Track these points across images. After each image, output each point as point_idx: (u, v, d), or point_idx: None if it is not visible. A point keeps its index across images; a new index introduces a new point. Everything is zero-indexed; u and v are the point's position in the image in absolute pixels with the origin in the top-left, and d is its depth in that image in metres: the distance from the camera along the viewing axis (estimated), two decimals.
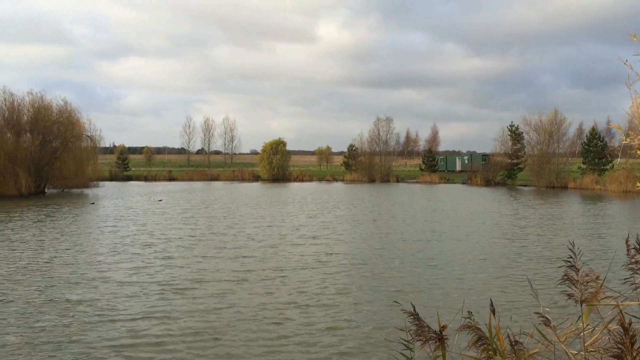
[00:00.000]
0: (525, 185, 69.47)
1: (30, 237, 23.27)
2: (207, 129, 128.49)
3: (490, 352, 3.44)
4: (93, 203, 43.31)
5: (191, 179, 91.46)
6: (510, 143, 77.38)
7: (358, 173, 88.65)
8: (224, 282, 14.76)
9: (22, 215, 32.70)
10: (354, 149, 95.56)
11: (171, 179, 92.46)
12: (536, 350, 3.50)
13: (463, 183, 77.25)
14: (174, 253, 19.23)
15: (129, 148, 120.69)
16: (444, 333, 3.43)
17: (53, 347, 9.71)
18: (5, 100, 54.12)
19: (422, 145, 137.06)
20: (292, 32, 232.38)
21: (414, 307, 3.55)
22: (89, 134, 62.41)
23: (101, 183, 68.44)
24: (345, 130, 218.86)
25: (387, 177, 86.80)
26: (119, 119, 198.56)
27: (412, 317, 3.53)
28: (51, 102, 58.58)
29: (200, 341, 10.10)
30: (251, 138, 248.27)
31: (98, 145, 66.44)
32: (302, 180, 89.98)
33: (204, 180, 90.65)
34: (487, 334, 3.45)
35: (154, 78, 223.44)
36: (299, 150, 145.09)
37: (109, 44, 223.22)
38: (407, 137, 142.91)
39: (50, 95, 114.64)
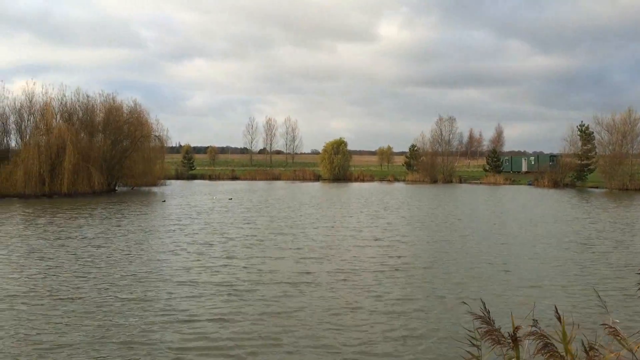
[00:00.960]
0: (596, 187, 66.32)
1: (102, 232, 23.95)
2: (269, 129, 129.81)
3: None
4: (164, 201, 44.54)
5: (253, 178, 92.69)
6: (580, 143, 74.12)
7: (420, 173, 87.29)
8: (285, 284, 14.53)
9: (95, 211, 33.85)
10: (415, 149, 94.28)
11: (234, 178, 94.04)
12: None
13: (529, 184, 74.62)
14: (236, 253, 19.21)
15: (194, 147, 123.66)
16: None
17: (116, 347, 9.70)
18: (80, 101, 56.56)
19: (485, 145, 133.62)
20: (353, 31, 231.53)
21: (484, 304, 3.33)
22: (157, 134, 64.31)
23: (168, 181, 70.26)
24: (406, 130, 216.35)
25: (449, 178, 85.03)
26: (185, 119, 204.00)
27: (480, 318, 3.45)
28: (122, 103, 60.83)
29: (262, 345, 9.87)
30: (311, 138, 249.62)
31: (165, 145, 68.36)
32: (362, 180, 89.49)
33: (266, 179, 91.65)
34: (557, 341, 3.37)
35: (217, 79, 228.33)
36: (359, 150, 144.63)
37: (175, 47, 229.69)
38: (471, 137, 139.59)
39: (120, 97, 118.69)
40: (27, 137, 52.33)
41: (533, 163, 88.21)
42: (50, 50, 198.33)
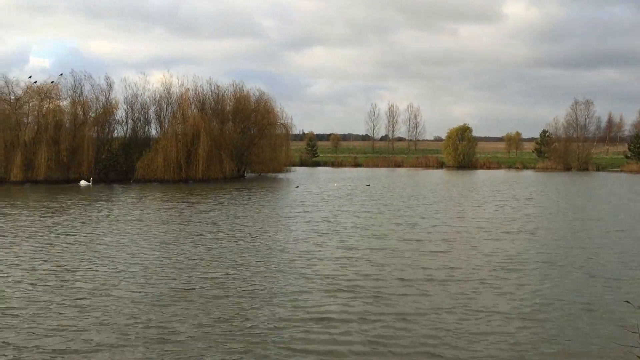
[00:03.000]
0: None
1: (232, 217, 24.50)
2: (391, 115, 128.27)
3: None
4: (297, 187, 45.56)
5: (375, 166, 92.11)
6: None
7: (551, 161, 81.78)
8: (413, 281, 13.63)
9: (234, 196, 35.10)
10: (547, 134, 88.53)
11: (357, 165, 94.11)
12: None
13: None
14: (359, 244, 18.62)
15: (317, 135, 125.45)
16: None
17: (225, 339, 9.44)
18: (211, 91, 59.22)
19: (627, 130, 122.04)
20: (476, 12, 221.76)
21: None
22: (283, 122, 65.65)
23: (292, 168, 71.78)
24: (536, 115, 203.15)
25: (585, 166, 78.79)
26: (306, 106, 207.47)
27: None
28: (249, 92, 62.75)
29: (381, 353, 9.18)
30: (434, 124, 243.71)
31: (290, 133, 69.66)
32: (488, 168, 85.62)
33: (388, 166, 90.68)
34: None
35: (337, 66, 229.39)
36: (484, 137, 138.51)
37: (295, 35, 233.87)
38: (610, 122, 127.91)
39: (246, 86, 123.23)
40: (166, 126, 55.71)
41: None
42: (180, 43, 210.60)
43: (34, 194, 37.42)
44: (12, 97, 50.39)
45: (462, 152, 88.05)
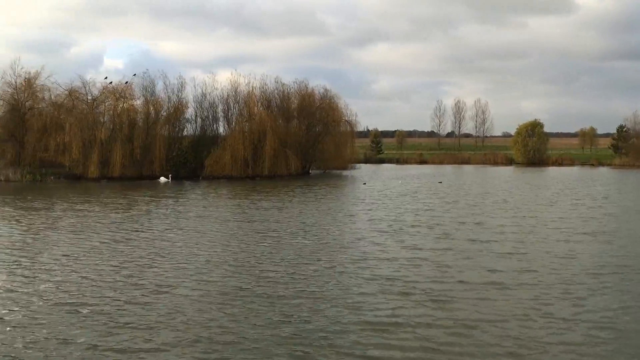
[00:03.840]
0: None
1: (295, 215, 24.32)
2: (458, 111, 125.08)
3: None
4: (364, 183, 45.22)
5: (441, 163, 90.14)
6: None
7: (629, 157, 77.28)
8: (478, 284, 12.83)
9: (289, 193, 35.21)
10: (624, 129, 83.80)
11: (422, 162, 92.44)
12: None
13: None
14: (422, 244, 17.92)
15: (382, 132, 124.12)
16: None
17: (282, 342, 9.06)
18: (277, 89, 59.66)
19: None
20: (545, 3, 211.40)
21: None
22: (347, 119, 65.31)
23: (357, 165, 71.25)
24: (611, 110, 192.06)
25: None
26: (371, 103, 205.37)
27: None
28: (314, 89, 62.78)
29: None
30: (501, 120, 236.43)
31: (355, 129, 69.24)
32: (560, 165, 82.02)
33: (455, 163, 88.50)
34: None
35: (400, 62, 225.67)
36: (556, 132, 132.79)
37: (358, 32, 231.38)
38: None
39: (311, 84, 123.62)
40: (233, 123, 56.59)
41: None
42: (244, 42, 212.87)
43: (110, 190, 38.82)
44: (90, 98, 52.58)
45: (533, 148, 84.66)
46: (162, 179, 48.39)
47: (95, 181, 46.78)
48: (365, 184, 45.00)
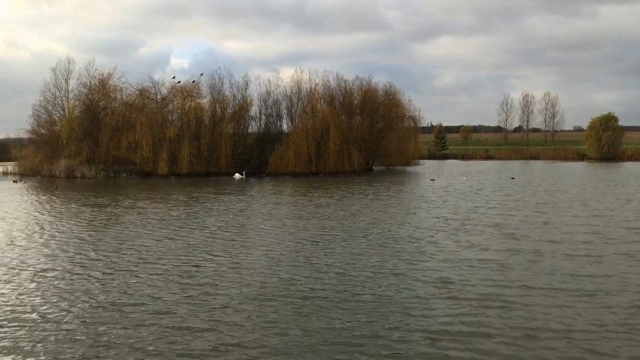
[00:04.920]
0: None
1: (356, 212, 23.74)
2: (526, 105, 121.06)
3: None
4: (433, 180, 44.31)
5: (508, 158, 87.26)
6: None
7: None
8: (546, 289, 11.64)
9: (355, 189, 34.86)
10: None
11: (488, 157, 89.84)
12: None
13: None
14: (487, 244, 16.77)
15: (446, 127, 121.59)
16: None
17: (334, 348, 8.42)
18: (339, 86, 59.33)
19: None
20: None
21: None
22: (411, 114, 64.18)
23: (421, 161, 69.86)
24: None
25: None
26: (434, 98, 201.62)
27: None
28: (376, 85, 62.02)
29: None
30: (572, 113, 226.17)
31: (418, 125, 68.00)
32: (637, 160, 77.53)
33: (522, 159, 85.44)
34: None
35: (464, 56, 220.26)
36: (631, 126, 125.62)
37: (420, 26, 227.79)
38: None
39: (374, 80, 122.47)
40: (296, 120, 56.78)
41: None
42: (306, 39, 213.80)
43: (179, 187, 39.70)
44: (159, 97, 54.11)
45: (607, 142, 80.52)
46: (237, 176, 49.40)
47: (164, 178, 48.10)
48: (433, 180, 43.98)
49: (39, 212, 26.30)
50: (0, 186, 42.30)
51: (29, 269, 14.14)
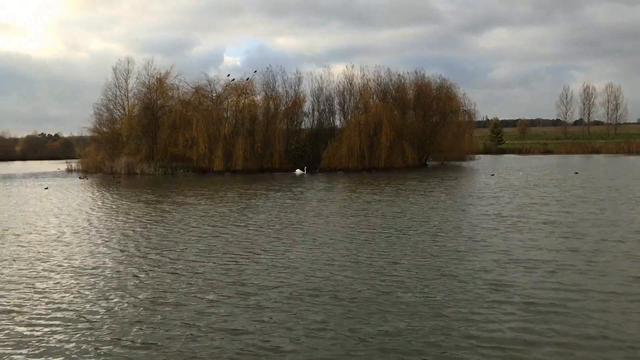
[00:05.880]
0: None
1: (409, 209, 23.15)
2: (587, 97, 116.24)
3: None
4: (493, 174, 43.18)
5: (568, 152, 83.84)
6: None
7: None
8: (609, 294, 10.72)
9: (408, 185, 34.18)
10: None
11: (546, 152, 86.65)
12: None
13: None
14: (545, 244, 15.80)
15: (502, 121, 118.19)
16: None
17: (381, 356, 8.13)
18: (392, 80, 58.46)
19: None
20: None
21: None
22: (466, 109, 62.58)
23: (476, 156, 68.01)
24: None
25: None
26: (489, 91, 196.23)
27: None
28: (430, 79, 60.74)
29: None
30: (636, 105, 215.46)
31: (473, 119, 66.26)
32: None
33: (583, 153, 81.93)
34: None
35: (520, 47, 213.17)
36: None
37: (474, 18, 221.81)
38: None
39: (427, 74, 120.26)
40: (349, 116, 56.35)
41: None
42: (356, 34, 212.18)
43: (238, 182, 40.09)
44: (214, 95, 54.85)
45: None
46: (298, 171, 49.78)
47: (219, 174, 48.77)
48: (492, 175, 42.80)
49: (107, 207, 27.14)
50: (65, 183, 43.98)
51: (76, 266, 14.38)
